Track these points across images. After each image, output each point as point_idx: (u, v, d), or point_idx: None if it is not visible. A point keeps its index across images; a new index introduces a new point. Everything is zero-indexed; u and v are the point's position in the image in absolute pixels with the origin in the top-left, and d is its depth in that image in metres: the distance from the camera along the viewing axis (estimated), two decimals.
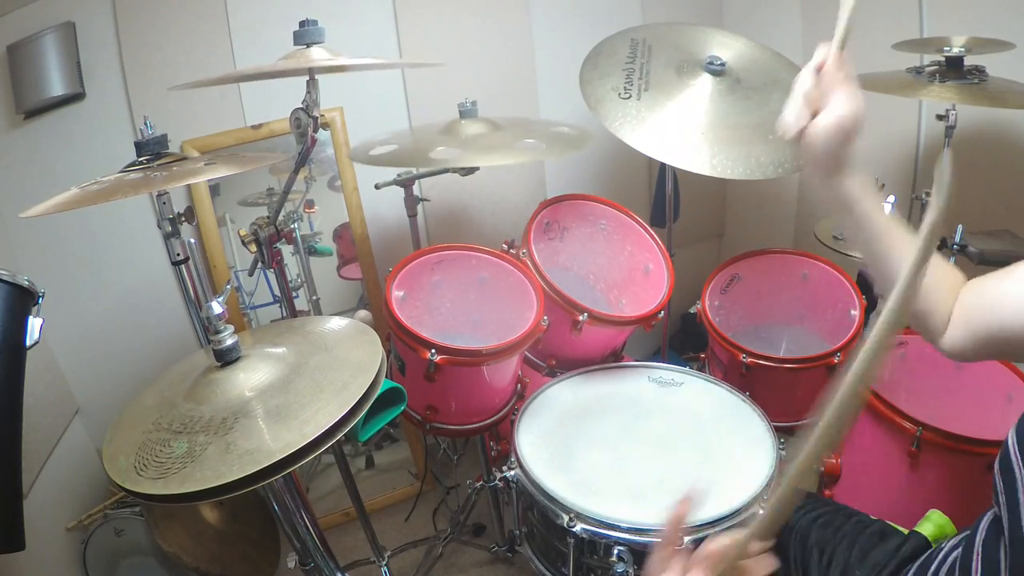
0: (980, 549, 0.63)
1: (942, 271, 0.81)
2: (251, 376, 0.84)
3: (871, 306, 1.44)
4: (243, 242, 1.21)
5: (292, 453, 0.70)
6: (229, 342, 0.85)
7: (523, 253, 1.41)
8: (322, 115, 1.10)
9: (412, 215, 1.68)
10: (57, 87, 1.48)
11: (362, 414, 0.78)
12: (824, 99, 0.76)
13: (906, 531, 0.90)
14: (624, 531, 0.97)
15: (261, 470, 0.69)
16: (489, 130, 1.44)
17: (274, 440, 0.73)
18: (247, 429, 0.75)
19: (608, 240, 1.61)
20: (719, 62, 1.42)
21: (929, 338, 0.81)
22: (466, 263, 1.44)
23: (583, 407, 1.27)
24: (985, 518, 0.65)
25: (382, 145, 1.43)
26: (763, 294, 1.57)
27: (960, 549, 0.67)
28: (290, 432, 0.73)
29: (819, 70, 0.77)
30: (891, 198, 1.52)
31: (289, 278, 1.38)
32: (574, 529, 0.98)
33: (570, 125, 1.54)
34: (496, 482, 1.52)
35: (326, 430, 0.73)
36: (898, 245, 0.78)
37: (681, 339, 2.38)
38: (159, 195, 1.13)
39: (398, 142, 1.46)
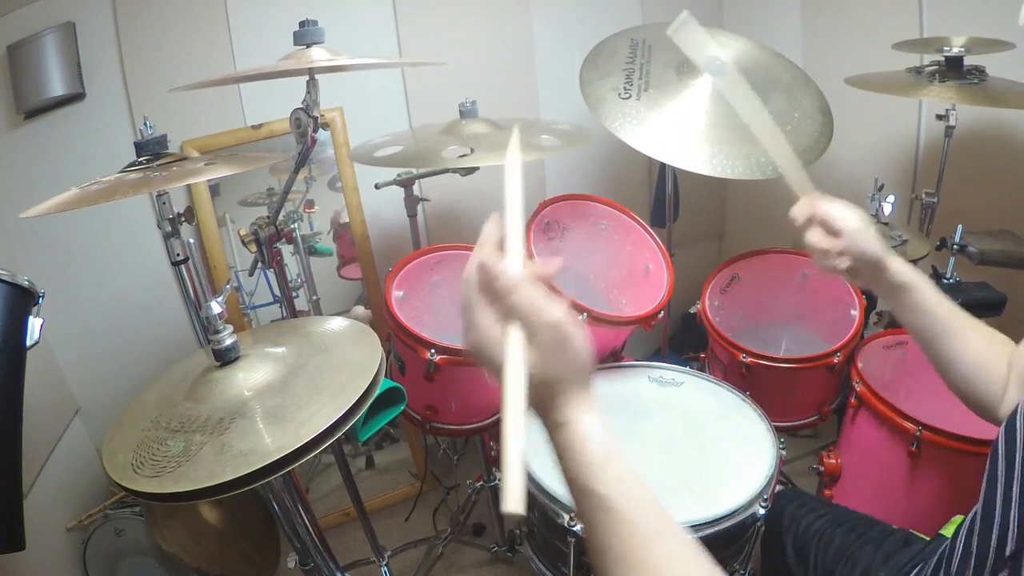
0: (962, 539, 0.65)
1: (991, 341, 0.80)
2: (250, 376, 0.84)
3: (871, 306, 1.44)
4: (243, 242, 1.21)
5: (286, 455, 0.70)
6: (228, 342, 0.85)
7: None
8: (322, 115, 1.10)
9: (412, 215, 1.68)
10: (57, 87, 1.47)
11: (359, 416, 0.78)
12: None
13: (928, 538, 0.90)
14: None
15: (254, 471, 0.69)
16: (492, 130, 1.43)
17: (269, 442, 0.72)
18: (243, 430, 0.75)
19: (608, 240, 1.61)
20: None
21: (985, 414, 0.79)
22: (466, 263, 1.44)
23: None
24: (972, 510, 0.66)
25: (384, 148, 1.42)
26: (763, 294, 1.57)
27: (947, 541, 0.69)
28: (285, 434, 0.73)
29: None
30: (891, 198, 1.52)
31: (289, 278, 1.38)
32: (575, 528, 0.98)
33: (570, 123, 1.54)
34: (496, 482, 1.52)
35: (321, 433, 0.73)
36: (956, 324, 0.79)
37: (681, 339, 2.38)
38: (159, 195, 1.13)
39: (401, 143, 1.46)
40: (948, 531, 0.87)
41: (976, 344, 0.80)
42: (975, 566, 0.61)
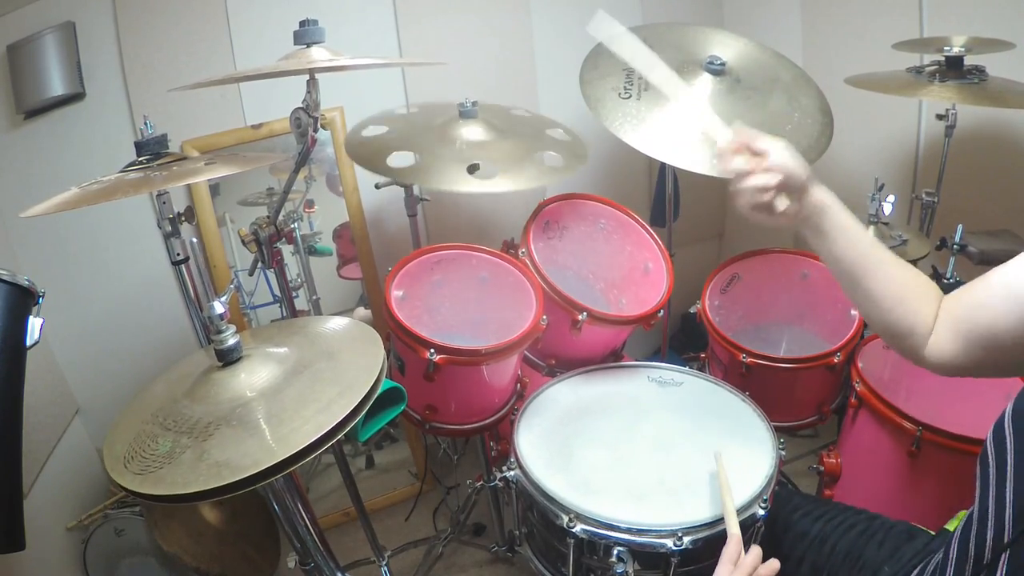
0: (956, 543, 0.66)
1: (914, 278, 0.80)
2: (250, 378, 0.83)
3: None
4: (243, 242, 1.21)
5: (258, 473, 0.68)
6: (231, 342, 0.84)
7: (522, 252, 1.41)
8: (322, 115, 1.10)
9: (412, 215, 1.68)
10: (57, 87, 1.48)
11: (343, 433, 0.75)
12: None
13: (933, 532, 0.90)
14: (624, 531, 0.97)
15: (225, 485, 0.67)
16: (492, 136, 1.42)
17: (243, 456, 0.70)
18: (224, 439, 0.74)
19: (607, 239, 1.61)
20: (719, 62, 1.41)
21: (910, 353, 0.79)
22: (466, 263, 1.44)
23: (583, 407, 1.27)
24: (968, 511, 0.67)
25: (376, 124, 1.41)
26: (763, 294, 1.57)
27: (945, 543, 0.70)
28: (262, 450, 0.71)
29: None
30: (891, 198, 1.52)
31: (289, 278, 1.38)
32: (574, 529, 0.98)
33: (567, 129, 1.53)
34: (496, 482, 1.52)
35: (297, 452, 0.70)
36: (878, 255, 0.79)
37: (681, 339, 2.38)
38: (159, 195, 1.13)
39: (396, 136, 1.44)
40: (952, 525, 0.87)
41: (900, 279, 0.79)
42: (973, 564, 0.62)
